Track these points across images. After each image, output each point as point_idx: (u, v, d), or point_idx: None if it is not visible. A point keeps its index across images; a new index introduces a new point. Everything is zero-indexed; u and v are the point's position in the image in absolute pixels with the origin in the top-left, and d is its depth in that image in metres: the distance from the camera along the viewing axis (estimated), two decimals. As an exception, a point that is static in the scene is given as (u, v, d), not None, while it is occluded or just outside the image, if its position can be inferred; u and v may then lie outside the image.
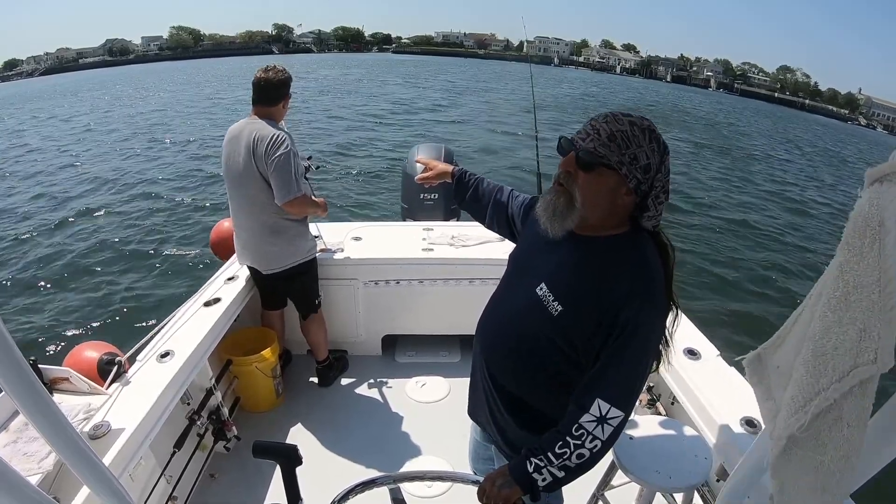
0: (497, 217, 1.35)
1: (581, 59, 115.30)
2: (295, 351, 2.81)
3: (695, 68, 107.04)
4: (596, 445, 0.95)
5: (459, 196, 1.43)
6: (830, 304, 0.60)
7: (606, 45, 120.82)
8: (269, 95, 2.12)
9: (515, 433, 1.14)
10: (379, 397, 2.56)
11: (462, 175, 1.43)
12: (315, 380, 2.65)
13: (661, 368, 1.87)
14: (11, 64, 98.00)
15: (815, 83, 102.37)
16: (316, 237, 2.52)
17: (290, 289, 2.43)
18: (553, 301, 1.00)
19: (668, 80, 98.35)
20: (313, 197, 2.28)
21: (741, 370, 1.73)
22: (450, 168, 1.45)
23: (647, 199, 0.96)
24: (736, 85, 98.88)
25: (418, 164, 1.57)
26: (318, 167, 2.44)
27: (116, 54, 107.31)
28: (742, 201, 10.12)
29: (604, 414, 0.94)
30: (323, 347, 2.57)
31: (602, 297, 0.95)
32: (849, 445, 0.59)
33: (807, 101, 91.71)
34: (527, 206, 1.28)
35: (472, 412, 1.30)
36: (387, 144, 12.56)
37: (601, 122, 0.94)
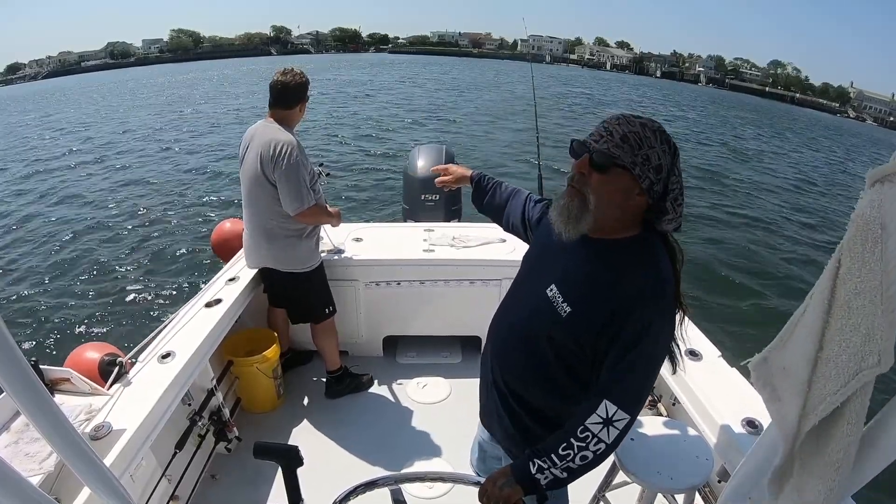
0: (513, 220, 1.38)
1: (574, 56, 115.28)
2: (300, 350, 2.78)
3: (687, 64, 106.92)
4: (600, 448, 0.95)
5: (478, 200, 1.46)
6: (834, 311, 0.60)
7: (600, 42, 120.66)
8: (286, 99, 2.10)
9: (523, 433, 1.14)
10: (380, 398, 2.56)
11: (480, 179, 1.46)
12: (317, 379, 2.64)
13: (663, 369, 1.87)
14: (14, 67, 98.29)
15: (807, 77, 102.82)
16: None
17: (286, 291, 2.40)
18: (563, 302, 1.01)
19: (658, 75, 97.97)
20: (327, 206, 2.27)
21: (742, 371, 1.73)
22: (469, 172, 1.49)
23: (664, 202, 0.96)
24: (727, 80, 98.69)
25: (433, 170, 1.61)
26: (328, 174, 2.43)
27: (118, 57, 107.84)
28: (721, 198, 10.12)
29: (610, 416, 0.94)
30: (331, 357, 2.51)
31: (612, 298, 0.95)
32: (847, 440, 0.60)
33: (797, 95, 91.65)
34: (542, 209, 1.30)
35: (483, 416, 1.30)
36: (388, 145, 12.57)
37: (614, 123, 0.95)
